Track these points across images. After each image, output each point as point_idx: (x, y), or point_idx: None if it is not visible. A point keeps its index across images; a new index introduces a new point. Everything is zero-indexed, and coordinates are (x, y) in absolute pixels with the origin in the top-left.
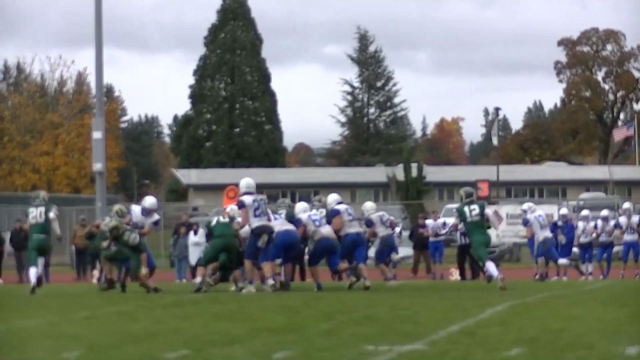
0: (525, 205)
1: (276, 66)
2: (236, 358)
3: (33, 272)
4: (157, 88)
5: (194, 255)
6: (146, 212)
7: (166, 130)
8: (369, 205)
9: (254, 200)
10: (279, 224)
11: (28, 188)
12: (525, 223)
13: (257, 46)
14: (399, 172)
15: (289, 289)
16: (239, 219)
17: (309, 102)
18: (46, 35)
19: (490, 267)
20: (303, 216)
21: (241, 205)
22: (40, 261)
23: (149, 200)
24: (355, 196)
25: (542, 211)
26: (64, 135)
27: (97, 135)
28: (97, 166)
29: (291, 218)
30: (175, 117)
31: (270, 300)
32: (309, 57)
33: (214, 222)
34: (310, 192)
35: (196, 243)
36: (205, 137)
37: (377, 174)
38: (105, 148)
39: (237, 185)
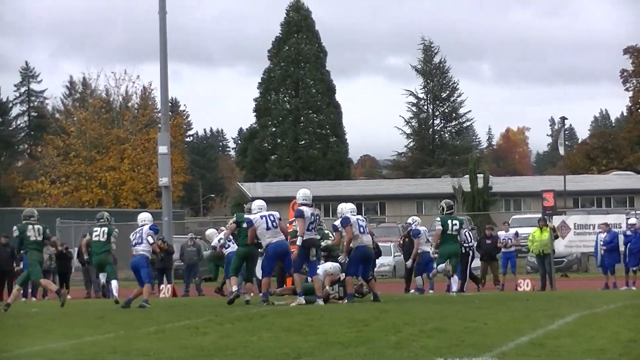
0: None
1: (340, 78)
2: None
3: (114, 286)
4: (222, 102)
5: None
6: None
7: (231, 144)
8: (349, 206)
9: (311, 214)
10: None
11: (95, 203)
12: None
13: (321, 58)
14: (465, 183)
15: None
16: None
17: (374, 114)
18: (111, 51)
19: (454, 280)
20: (352, 218)
21: (299, 215)
22: (102, 276)
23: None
24: (421, 207)
25: None
26: (130, 150)
27: (162, 149)
28: (163, 180)
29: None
30: (240, 131)
31: (339, 313)
32: (371, 68)
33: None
34: (376, 204)
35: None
36: (270, 150)
37: (443, 185)
38: (171, 162)
39: None
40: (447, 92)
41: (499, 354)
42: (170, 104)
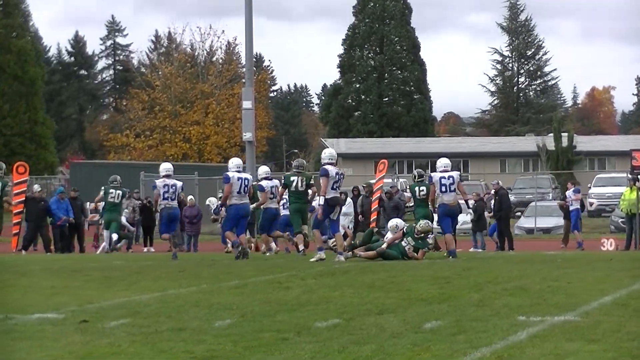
0: None
1: (424, 35)
2: (388, 328)
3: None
4: (306, 58)
5: (343, 223)
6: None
7: (315, 100)
8: (442, 162)
9: (336, 173)
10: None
11: (179, 157)
12: None
13: (406, 15)
14: (549, 141)
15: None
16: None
17: (458, 71)
18: (196, 5)
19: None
20: (435, 177)
21: (324, 174)
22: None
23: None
24: (505, 166)
25: None
26: (214, 105)
27: (247, 104)
28: (247, 135)
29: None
30: (324, 87)
31: (421, 270)
32: (454, 26)
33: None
34: (459, 161)
35: (344, 213)
36: (354, 106)
37: (527, 143)
38: (255, 117)
39: (386, 156)
40: (533, 50)
41: (581, 313)
42: (254, 59)
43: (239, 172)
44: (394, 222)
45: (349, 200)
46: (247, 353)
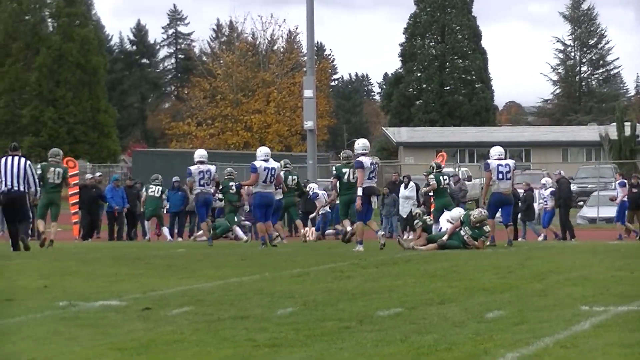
0: None
1: (485, 24)
2: (451, 317)
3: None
4: (368, 46)
5: (405, 208)
6: None
7: (376, 89)
8: (495, 150)
9: (371, 163)
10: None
11: (240, 146)
12: None
13: (468, 4)
14: (611, 131)
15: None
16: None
17: (519, 60)
18: None
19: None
20: (492, 164)
21: (359, 166)
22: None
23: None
24: (567, 155)
25: None
26: (276, 94)
27: (308, 93)
28: (308, 124)
29: None
30: (386, 75)
31: (484, 260)
32: (516, 14)
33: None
34: (521, 150)
35: (406, 197)
36: (416, 95)
37: (590, 133)
38: (316, 106)
39: (447, 145)
40: (595, 39)
41: None
42: (315, 48)
43: (266, 161)
44: (457, 211)
45: (411, 184)
46: (309, 341)
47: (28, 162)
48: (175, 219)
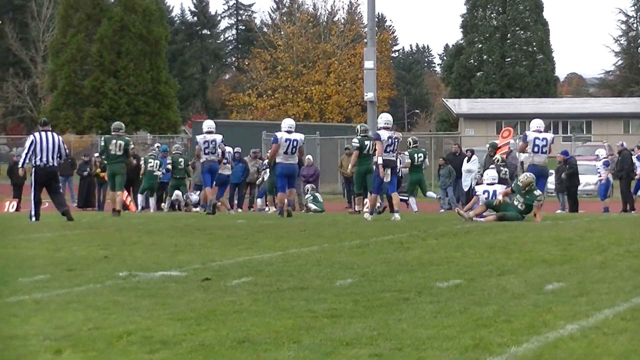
0: None
1: None
2: (510, 289)
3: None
4: (429, 17)
5: (466, 181)
6: None
7: (437, 60)
8: (535, 122)
9: (388, 137)
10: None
11: (301, 117)
12: None
13: None
14: None
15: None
16: None
17: (581, 32)
18: None
19: (412, 201)
20: (529, 136)
21: (377, 138)
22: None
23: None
24: (628, 127)
25: None
26: (336, 65)
27: (368, 64)
28: (369, 95)
29: None
30: (446, 47)
31: (543, 231)
32: None
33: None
34: (582, 122)
35: (468, 170)
36: (476, 66)
37: None
38: (377, 77)
39: (507, 116)
40: None
41: None
42: (376, 19)
43: (289, 132)
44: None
45: (474, 157)
46: (368, 312)
47: (60, 137)
48: (235, 190)
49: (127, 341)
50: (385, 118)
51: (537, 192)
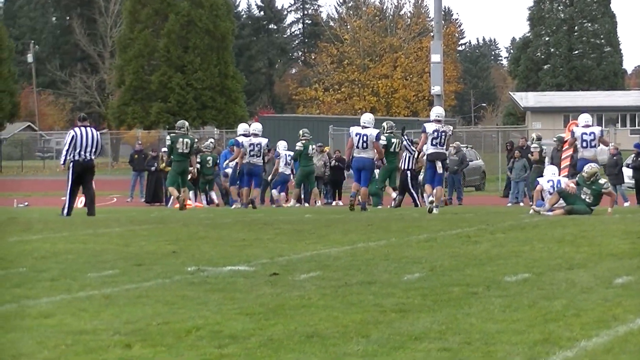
0: None
1: None
2: (579, 282)
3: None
4: (495, 10)
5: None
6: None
7: (504, 53)
8: (583, 117)
9: (434, 130)
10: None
11: (367, 111)
12: None
13: None
14: None
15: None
16: None
17: None
18: None
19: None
20: (577, 132)
21: (422, 131)
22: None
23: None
24: None
25: None
26: (403, 59)
27: (435, 58)
28: (436, 89)
29: None
30: (513, 40)
31: (612, 224)
32: None
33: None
34: None
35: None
36: (544, 59)
37: None
38: (444, 71)
39: (575, 109)
40: None
41: None
42: (443, 13)
43: (364, 127)
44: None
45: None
46: (437, 307)
47: (98, 132)
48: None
49: (195, 336)
50: (436, 111)
51: (603, 181)
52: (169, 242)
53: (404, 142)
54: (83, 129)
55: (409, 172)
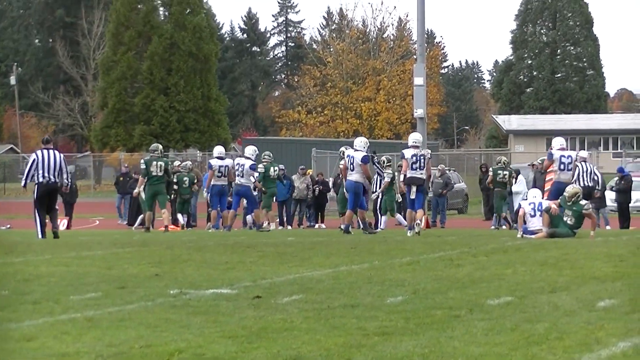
0: None
1: (597, 9)
2: (562, 306)
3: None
4: (478, 33)
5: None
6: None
7: (487, 76)
8: (557, 141)
9: (412, 155)
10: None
11: (350, 134)
12: None
13: None
14: None
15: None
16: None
17: (631, 46)
18: None
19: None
20: (555, 154)
21: (402, 158)
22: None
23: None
24: None
25: None
26: (386, 81)
27: (418, 81)
28: (419, 112)
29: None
30: (496, 63)
31: (595, 247)
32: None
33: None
34: (632, 138)
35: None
36: (526, 82)
37: None
38: (427, 94)
39: (558, 133)
40: None
41: None
42: (426, 35)
43: (356, 150)
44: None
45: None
46: (420, 330)
47: (62, 155)
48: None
49: (178, 359)
50: (414, 137)
51: (584, 202)
52: (152, 264)
53: (374, 166)
54: (46, 151)
55: (379, 194)
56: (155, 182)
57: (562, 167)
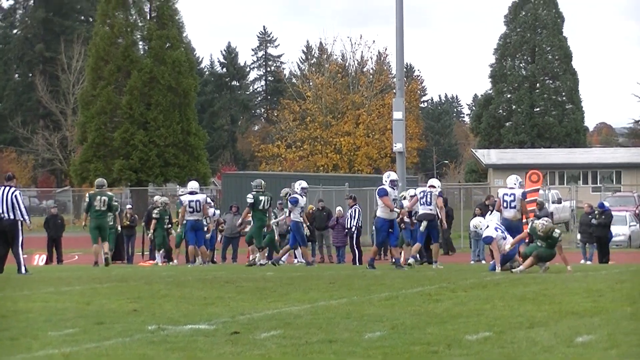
0: None
1: (576, 44)
2: (540, 341)
3: None
4: (458, 67)
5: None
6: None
7: (466, 110)
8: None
9: (421, 191)
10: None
11: (330, 168)
12: None
13: (559, 24)
14: None
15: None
16: None
17: (610, 81)
18: (345, 15)
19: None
20: (500, 192)
21: (412, 196)
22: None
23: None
24: None
25: None
26: (365, 116)
27: (397, 115)
28: (398, 146)
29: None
30: (475, 97)
31: (573, 283)
32: (607, 34)
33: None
34: (612, 172)
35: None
36: (506, 116)
37: None
38: (406, 128)
39: (537, 167)
40: None
41: None
42: (405, 69)
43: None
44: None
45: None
46: None
47: (17, 191)
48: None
49: None
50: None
51: (557, 232)
52: (130, 300)
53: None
54: (2, 188)
55: (356, 229)
56: (98, 216)
57: (504, 205)
